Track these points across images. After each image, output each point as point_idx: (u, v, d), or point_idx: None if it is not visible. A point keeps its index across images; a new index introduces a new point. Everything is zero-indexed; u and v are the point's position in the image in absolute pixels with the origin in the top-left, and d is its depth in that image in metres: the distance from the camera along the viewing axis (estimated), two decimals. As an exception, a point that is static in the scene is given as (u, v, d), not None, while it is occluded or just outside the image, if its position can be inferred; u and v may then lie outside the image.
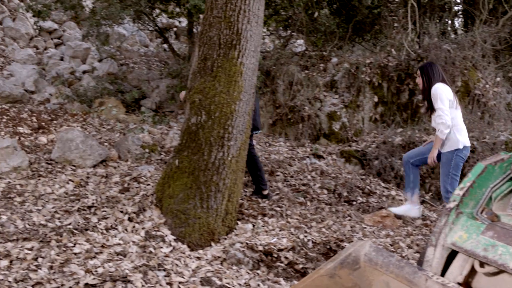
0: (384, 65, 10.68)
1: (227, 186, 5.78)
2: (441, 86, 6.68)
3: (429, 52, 10.17)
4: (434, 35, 10.67)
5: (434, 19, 11.60)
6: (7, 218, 5.60)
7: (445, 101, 6.60)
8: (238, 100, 5.77)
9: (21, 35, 16.47)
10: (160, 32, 13.96)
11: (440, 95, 6.61)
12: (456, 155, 6.63)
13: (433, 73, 6.82)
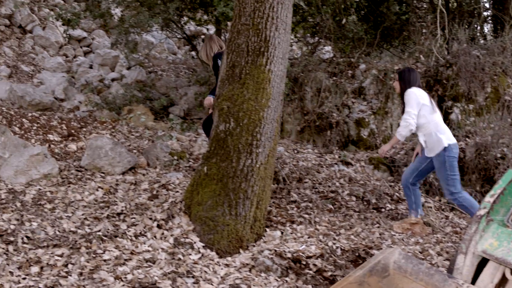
0: (412, 72, 10.64)
1: (256, 193, 5.78)
2: (415, 91, 6.79)
3: (458, 58, 10.09)
4: (463, 41, 10.58)
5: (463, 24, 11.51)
6: (37, 224, 5.64)
7: (415, 106, 6.69)
8: (267, 107, 5.77)
9: (51, 44, 16.64)
10: (188, 40, 14.02)
11: (411, 99, 6.73)
12: (447, 156, 6.65)
13: (410, 78, 6.94)
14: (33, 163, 7.09)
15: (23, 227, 5.55)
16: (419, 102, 6.71)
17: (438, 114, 6.84)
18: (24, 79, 13.83)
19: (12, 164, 7.05)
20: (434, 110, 6.81)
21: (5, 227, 5.44)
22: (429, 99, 6.82)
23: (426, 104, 6.74)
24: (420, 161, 6.98)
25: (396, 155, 9.12)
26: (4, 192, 6.49)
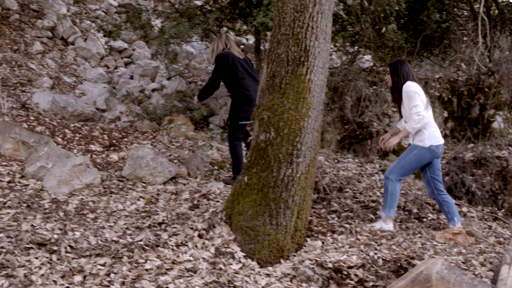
0: (453, 80, 10.54)
1: (296, 203, 5.77)
2: (412, 84, 6.74)
3: (500, 66, 10.00)
4: (505, 48, 10.47)
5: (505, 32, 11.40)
6: (80, 234, 5.71)
7: (418, 98, 6.65)
8: (307, 116, 5.77)
9: (92, 55, 16.83)
10: (232, 44, 14.08)
11: (413, 93, 6.67)
12: (420, 150, 6.71)
13: (404, 71, 6.87)
14: (76, 173, 7.17)
15: (66, 236, 5.61)
16: (420, 96, 6.69)
17: (430, 110, 6.83)
18: (66, 90, 14.01)
19: (55, 174, 7.14)
20: (428, 106, 6.81)
21: (49, 237, 5.51)
22: (425, 95, 6.82)
23: (423, 100, 6.72)
24: (425, 171, 6.99)
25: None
26: (47, 202, 6.57)
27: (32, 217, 6.01)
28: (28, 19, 17.24)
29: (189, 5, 12.86)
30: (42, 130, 9.35)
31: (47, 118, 10.47)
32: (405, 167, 6.75)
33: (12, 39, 16.16)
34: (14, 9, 17.33)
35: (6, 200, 6.46)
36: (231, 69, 8.02)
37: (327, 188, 7.70)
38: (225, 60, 8.02)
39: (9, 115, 10.40)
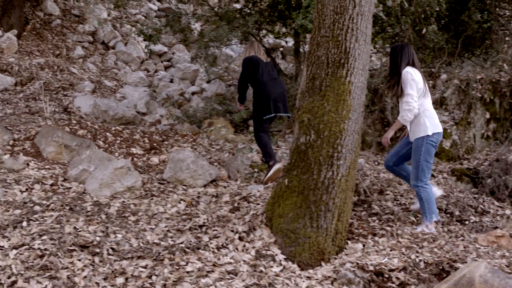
0: (495, 81, 10.39)
1: (337, 205, 5.75)
2: (411, 71, 6.63)
3: (544, 66, 9.85)
4: (548, 48, 10.32)
5: (548, 32, 11.24)
6: (122, 236, 5.75)
7: (414, 87, 6.58)
8: (347, 119, 5.75)
9: (132, 59, 16.99)
10: (267, 52, 14.07)
11: (409, 80, 6.58)
12: (426, 141, 6.61)
13: (402, 56, 6.75)
14: (117, 176, 7.24)
15: (108, 239, 5.66)
16: (416, 83, 6.61)
17: (429, 98, 6.78)
18: (107, 94, 14.15)
19: (97, 177, 7.22)
20: (427, 94, 6.73)
21: (91, 239, 5.57)
22: (423, 81, 6.71)
23: (419, 87, 6.65)
24: (402, 145, 7.01)
25: (480, 166, 8.93)
26: (89, 205, 6.64)
27: (74, 219, 6.08)
28: (70, 24, 17.47)
29: (229, 8, 12.91)
30: (84, 133, 9.45)
31: (89, 122, 10.59)
32: (424, 167, 6.65)
33: (54, 44, 16.38)
34: (56, 15, 17.57)
35: (49, 202, 6.54)
36: (254, 69, 8.65)
37: (367, 190, 7.65)
38: (249, 62, 8.69)
39: (51, 119, 10.53)
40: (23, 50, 15.51)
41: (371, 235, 6.33)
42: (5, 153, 8.36)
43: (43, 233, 5.63)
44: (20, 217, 6.07)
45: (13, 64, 14.04)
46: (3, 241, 5.44)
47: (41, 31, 16.65)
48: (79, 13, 18.14)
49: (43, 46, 16.16)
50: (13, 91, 12.91)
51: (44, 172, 7.86)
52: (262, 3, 13.05)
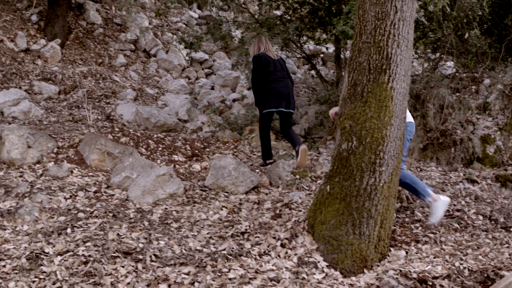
0: (540, 85, 10.25)
1: (379, 212, 5.71)
2: None
3: None
4: None
5: None
6: (164, 243, 5.79)
7: None
8: (389, 125, 5.71)
9: (174, 66, 17.11)
10: (308, 59, 14.06)
11: None
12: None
13: None
14: (160, 183, 7.29)
15: (151, 245, 5.70)
16: None
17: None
18: (149, 102, 14.28)
19: (140, 184, 7.27)
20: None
21: (134, 246, 5.62)
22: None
23: None
24: None
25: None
26: (132, 212, 6.70)
27: (118, 226, 6.13)
28: (112, 33, 17.68)
29: (269, 15, 12.92)
30: (127, 141, 9.54)
31: (131, 129, 10.68)
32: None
33: (96, 53, 16.59)
34: (99, 24, 17.79)
35: (93, 209, 6.62)
36: (264, 67, 9.14)
37: (410, 197, 7.59)
38: (259, 59, 9.20)
39: (94, 126, 10.66)
40: (67, 59, 15.73)
41: (414, 242, 6.28)
42: (50, 161, 8.48)
43: (87, 239, 5.69)
44: (65, 224, 6.15)
45: (56, 72, 14.26)
46: (48, 248, 5.51)
47: (84, 40, 16.87)
48: (121, 22, 18.35)
49: (86, 54, 16.36)
50: (56, 99, 13.11)
51: (87, 179, 7.95)
52: (302, 9, 13.05)
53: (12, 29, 15.62)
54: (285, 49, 13.52)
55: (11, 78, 13.47)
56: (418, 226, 6.79)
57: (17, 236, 5.85)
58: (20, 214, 6.33)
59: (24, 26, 16.10)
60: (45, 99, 12.97)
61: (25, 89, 13.08)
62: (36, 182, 7.55)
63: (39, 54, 15.28)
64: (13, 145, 8.37)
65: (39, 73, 14.09)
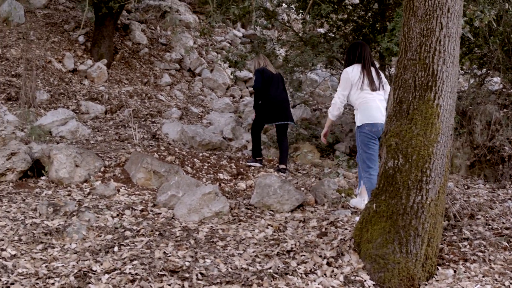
0: None
1: (427, 230, 5.65)
2: (345, 70, 7.51)
3: None
4: None
5: None
6: (211, 261, 5.80)
7: (343, 84, 7.45)
8: (436, 142, 5.66)
9: (218, 85, 17.22)
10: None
11: (341, 79, 7.53)
12: (359, 132, 7.39)
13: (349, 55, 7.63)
14: (205, 202, 7.32)
15: (197, 264, 5.72)
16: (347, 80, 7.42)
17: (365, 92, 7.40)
18: (194, 120, 14.38)
19: (186, 202, 7.32)
20: (362, 88, 7.39)
21: (181, 264, 5.64)
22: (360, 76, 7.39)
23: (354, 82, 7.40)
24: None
25: None
26: (178, 230, 6.74)
27: (164, 244, 6.17)
28: (157, 53, 17.87)
29: (313, 33, 12.95)
30: (172, 159, 9.61)
31: (177, 148, 10.76)
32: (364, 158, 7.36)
33: (142, 72, 16.78)
34: (144, 44, 18.01)
35: (139, 228, 6.67)
36: (265, 81, 10.39)
37: (457, 215, 7.50)
38: (262, 73, 10.43)
39: (140, 145, 10.76)
40: (113, 78, 15.95)
41: (462, 260, 6.19)
42: (97, 180, 8.58)
43: (134, 258, 5.73)
44: (112, 242, 6.21)
45: (103, 92, 14.46)
46: (95, 266, 5.57)
47: (129, 60, 17.09)
48: (166, 42, 18.55)
49: (132, 74, 16.56)
50: (103, 118, 13.28)
51: (134, 198, 8.03)
52: (346, 27, 13.05)
53: (60, 50, 15.89)
54: (329, 67, 13.53)
55: (59, 98, 13.69)
56: (466, 244, 6.69)
57: (65, 254, 5.93)
58: (68, 233, 6.42)
59: (71, 47, 16.37)
60: (92, 119, 13.15)
61: (73, 108, 13.27)
62: (84, 201, 7.65)
63: (86, 74, 15.52)
64: (61, 164, 8.50)
65: (86, 93, 14.30)
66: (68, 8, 18.43)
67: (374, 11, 12.56)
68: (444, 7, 5.69)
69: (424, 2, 5.73)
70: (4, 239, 6.20)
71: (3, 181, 8.39)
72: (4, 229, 6.51)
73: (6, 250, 5.86)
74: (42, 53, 15.26)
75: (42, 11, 17.60)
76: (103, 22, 16.27)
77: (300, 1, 12.64)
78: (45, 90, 13.64)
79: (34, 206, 7.32)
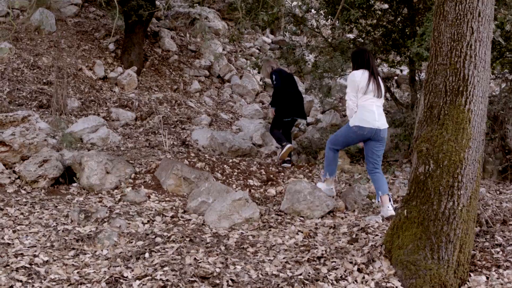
0: None
1: (458, 236, 5.61)
2: (353, 73, 7.96)
3: None
4: None
5: None
6: (241, 268, 5.81)
7: (351, 86, 7.88)
8: (467, 147, 5.62)
9: (247, 92, 17.25)
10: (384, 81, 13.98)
11: (348, 82, 7.99)
12: (348, 127, 8.01)
13: (355, 60, 8.11)
14: (236, 208, 7.33)
15: (227, 270, 5.73)
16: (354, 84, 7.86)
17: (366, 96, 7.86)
18: (224, 127, 14.41)
19: (216, 209, 7.33)
20: (366, 92, 7.84)
21: (211, 270, 5.64)
22: (367, 81, 7.83)
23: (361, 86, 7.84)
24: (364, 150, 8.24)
25: None
26: (209, 236, 6.75)
27: (194, 251, 6.19)
28: (187, 59, 17.95)
29: (342, 39, 12.92)
30: (202, 166, 9.64)
31: (207, 154, 10.79)
32: (339, 138, 8.18)
33: (172, 79, 16.87)
34: (174, 51, 18.10)
35: (170, 234, 6.70)
36: (283, 79, 11.50)
37: (489, 220, 7.43)
38: (280, 73, 11.59)
39: (170, 152, 10.80)
40: (143, 85, 16.05)
41: (495, 267, 6.13)
42: (128, 186, 8.64)
43: (165, 264, 5.76)
44: (143, 249, 6.24)
45: (133, 99, 14.55)
46: (127, 272, 5.60)
47: (159, 67, 17.19)
48: (196, 49, 18.63)
49: (161, 81, 16.66)
50: (133, 125, 13.35)
51: (164, 204, 8.06)
52: (375, 32, 13.00)
53: (90, 58, 16.03)
54: (360, 72, 13.48)
55: (90, 105, 13.80)
56: (498, 250, 6.63)
57: (97, 261, 5.97)
58: (99, 239, 6.46)
59: (102, 54, 16.51)
60: (122, 126, 13.23)
61: (103, 116, 13.37)
62: (115, 207, 7.70)
63: (116, 82, 15.63)
64: (92, 171, 8.57)
65: (116, 100, 14.40)
66: (99, 16, 18.59)
67: (404, 16, 12.49)
68: (475, 11, 5.66)
69: (454, 6, 5.70)
70: (36, 246, 6.27)
71: (36, 188, 8.48)
72: (36, 235, 6.59)
73: (38, 256, 5.91)
74: (73, 61, 15.41)
75: (72, 20, 17.77)
76: (133, 29, 16.39)
77: (329, 6, 12.62)
78: (76, 97, 13.76)
79: (66, 212, 7.38)
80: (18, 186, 8.51)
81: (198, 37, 19.26)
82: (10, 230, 6.68)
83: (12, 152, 8.81)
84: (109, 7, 16.65)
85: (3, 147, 8.79)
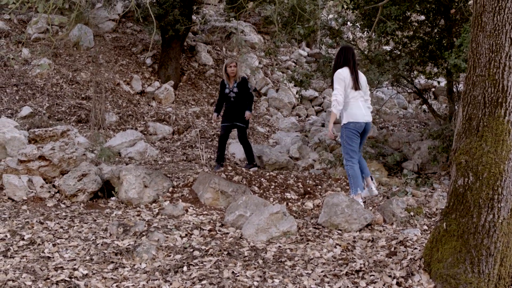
0: None
1: (499, 249, 5.53)
2: (340, 71, 8.26)
3: None
4: None
5: None
6: (279, 281, 5.80)
7: (338, 82, 8.18)
8: (507, 159, 5.55)
9: (284, 105, 17.28)
10: (419, 93, 13.91)
11: (336, 78, 8.23)
12: (345, 128, 8.40)
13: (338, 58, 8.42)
14: (273, 221, 7.32)
15: (265, 283, 5.72)
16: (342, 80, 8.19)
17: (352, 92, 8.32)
18: (261, 140, 14.43)
19: (253, 222, 7.33)
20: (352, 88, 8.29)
21: (249, 284, 5.65)
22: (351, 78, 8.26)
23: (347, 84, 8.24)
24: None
25: None
26: (246, 250, 6.75)
27: (232, 264, 6.19)
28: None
29: (379, 51, 12.89)
30: (239, 179, 9.66)
31: (244, 168, 10.81)
32: (348, 150, 8.39)
33: (208, 93, 16.95)
34: (210, 64, 18.21)
35: (208, 248, 6.71)
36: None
37: (531, 233, 7.33)
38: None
39: (208, 165, 10.85)
40: (180, 99, 16.16)
41: (536, 280, 6.05)
42: (165, 200, 8.69)
43: (203, 277, 5.77)
44: (181, 262, 6.26)
45: (170, 113, 14.66)
46: (165, 285, 5.63)
47: (196, 81, 17.30)
48: (232, 62, 18.71)
49: (198, 95, 16.76)
50: (171, 139, 13.45)
51: (202, 217, 8.09)
52: (412, 44, 12.95)
53: (128, 73, 16.20)
54: (396, 85, 13.43)
55: (127, 119, 13.94)
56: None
57: (136, 274, 6.00)
58: (138, 252, 6.50)
59: (139, 69, 16.67)
60: (160, 140, 13.33)
61: (141, 130, 13.50)
62: (153, 221, 7.74)
63: (153, 96, 15.77)
64: (130, 185, 8.64)
65: (153, 114, 14.52)
66: (136, 32, 18.79)
67: (441, 27, 12.42)
68: (513, 22, 5.60)
69: (492, 17, 5.64)
70: (76, 259, 6.33)
71: (75, 202, 8.57)
72: (76, 249, 6.65)
73: (78, 270, 5.97)
74: (111, 76, 15.59)
75: (110, 35, 17.99)
76: (170, 44, 16.54)
77: (365, 19, 12.61)
78: (114, 112, 13.91)
79: (105, 226, 7.45)
80: (57, 200, 8.62)
81: (235, 51, 19.35)
82: (50, 244, 6.76)
83: (52, 166, 8.93)
84: (146, 22, 16.84)
85: (43, 161, 8.91)
